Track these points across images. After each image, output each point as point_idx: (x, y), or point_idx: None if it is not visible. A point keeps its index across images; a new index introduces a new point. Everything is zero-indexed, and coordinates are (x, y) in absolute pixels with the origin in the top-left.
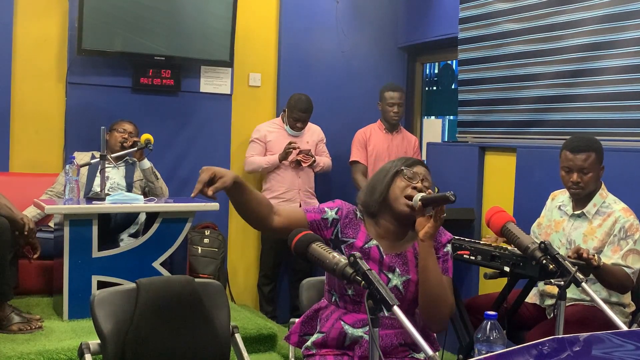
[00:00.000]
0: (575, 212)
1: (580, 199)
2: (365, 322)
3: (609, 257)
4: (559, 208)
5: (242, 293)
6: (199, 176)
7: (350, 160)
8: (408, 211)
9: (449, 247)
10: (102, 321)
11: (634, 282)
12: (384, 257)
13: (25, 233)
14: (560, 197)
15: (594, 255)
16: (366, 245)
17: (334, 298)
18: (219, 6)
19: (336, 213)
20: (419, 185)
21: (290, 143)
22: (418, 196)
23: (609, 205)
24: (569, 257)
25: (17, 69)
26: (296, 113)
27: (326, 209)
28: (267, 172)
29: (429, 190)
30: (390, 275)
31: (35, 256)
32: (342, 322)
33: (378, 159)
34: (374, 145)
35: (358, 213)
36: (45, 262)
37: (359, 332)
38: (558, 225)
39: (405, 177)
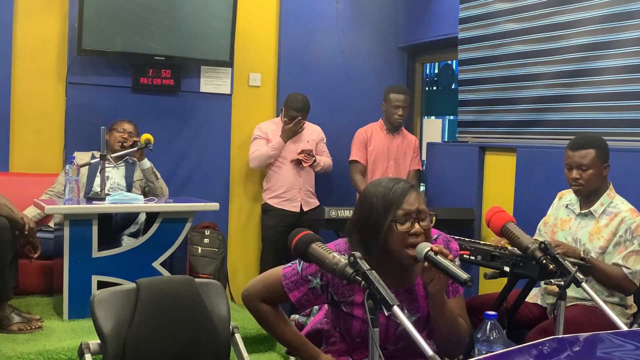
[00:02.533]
0: (582, 211)
1: (588, 198)
2: None
3: (614, 258)
4: (566, 207)
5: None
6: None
7: (350, 159)
8: (414, 262)
9: (457, 262)
10: (102, 321)
11: (635, 284)
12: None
13: (26, 232)
14: (568, 196)
15: (582, 251)
16: None
17: (338, 329)
18: (219, 6)
19: (321, 278)
20: (417, 229)
21: (298, 119)
22: (422, 250)
23: (616, 205)
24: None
25: (17, 69)
26: (291, 112)
27: (309, 277)
28: (274, 158)
29: (432, 246)
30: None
31: (36, 255)
32: (350, 358)
33: (378, 159)
34: (375, 145)
35: None
36: (45, 262)
37: None
38: (564, 223)
39: (399, 225)
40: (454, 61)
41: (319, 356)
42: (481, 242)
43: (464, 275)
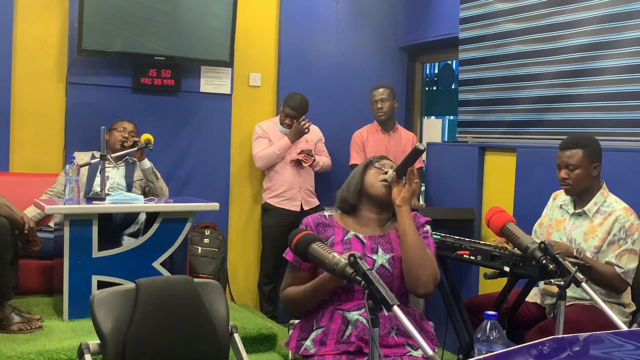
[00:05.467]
0: (576, 211)
1: (580, 197)
2: (359, 306)
3: (608, 257)
4: (561, 207)
5: (242, 293)
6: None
7: (350, 164)
8: (386, 191)
9: (428, 227)
10: (101, 321)
11: (627, 282)
12: (365, 241)
13: (26, 232)
14: (562, 197)
15: (575, 250)
16: (345, 238)
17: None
18: (219, 6)
19: (306, 228)
20: (388, 169)
21: (304, 119)
22: (390, 170)
23: (610, 204)
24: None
25: (17, 69)
26: (286, 109)
27: None
28: (281, 158)
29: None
30: (374, 257)
31: (37, 249)
32: (340, 312)
33: None
34: (372, 146)
35: (326, 213)
36: (45, 262)
37: (355, 315)
38: (559, 224)
39: (375, 167)
40: (454, 61)
41: (325, 278)
42: (481, 242)
43: (416, 144)
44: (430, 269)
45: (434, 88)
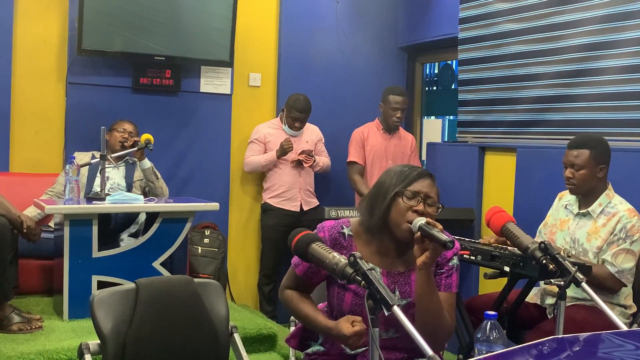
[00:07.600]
0: (581, 211)
1: (585, 198)
2: (364, 344)
3: (604, 255)
4: (565, 207)
5: (242, 293)
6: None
7: (348, 160)
8: (409, 237)
9: (455, 261)
10: (101, 321)
11: (620, 282)
12: (382, 279)
13: (24, 231)
14: (567, 197)
15: (562, 250)
16: None
17: (334, 313)
18: (219, 6)
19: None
20: (420, 207)
21: (286, 140)
22: (417, 222)
23: (615, 205)
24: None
25: (17, 69)
26: (294, 113)
27: None
28: (266, 169)
29: (428, 219)
30: None
31: (36, 239)
32: (342, 345)
33: (376, 159)
34: (372, 146)
35: (346, 230)
36: (45, 262)
37: (359, 351)
38: (563, 224)
39: (405, 198)
40: (454, 61)
41: (332, 326)
42: (481, 242)
43: (443, 238)
44: (445, 333)
45: (434, 88)
